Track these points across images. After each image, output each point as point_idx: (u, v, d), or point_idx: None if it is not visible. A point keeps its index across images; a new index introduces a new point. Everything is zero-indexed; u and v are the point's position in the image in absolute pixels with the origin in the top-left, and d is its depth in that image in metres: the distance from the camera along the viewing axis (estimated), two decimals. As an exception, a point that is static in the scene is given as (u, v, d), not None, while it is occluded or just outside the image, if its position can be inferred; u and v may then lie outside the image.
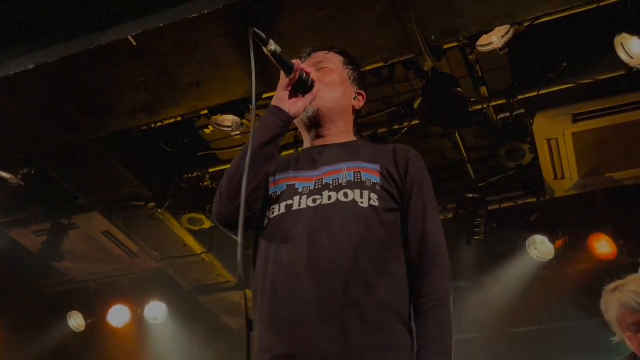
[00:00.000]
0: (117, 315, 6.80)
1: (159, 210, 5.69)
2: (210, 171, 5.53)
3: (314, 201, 1.99)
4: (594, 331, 6.69)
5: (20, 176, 5.19)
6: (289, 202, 2.02)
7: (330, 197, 1.98)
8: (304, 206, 1.99)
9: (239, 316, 6.86)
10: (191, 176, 5.54)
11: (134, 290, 6.78)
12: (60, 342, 6.92)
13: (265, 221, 2.05)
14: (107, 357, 7.18)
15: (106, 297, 6.84)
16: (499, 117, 4.83)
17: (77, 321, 6.87)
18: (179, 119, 4.85)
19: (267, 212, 2.05)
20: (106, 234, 6.15)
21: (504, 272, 6.06)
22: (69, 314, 6.87)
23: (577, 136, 4.99)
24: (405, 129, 4.98)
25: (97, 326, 6.88)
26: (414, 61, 4.25)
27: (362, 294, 1.85)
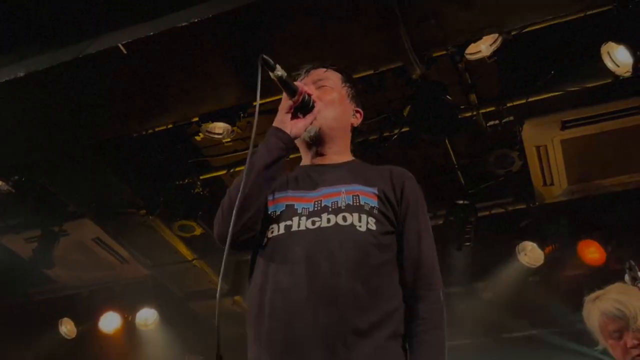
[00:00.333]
0: (108, 321, 6.78)
1: (150, 217, 5.70)
2: (201, 178, 5.54)
3: (313, 223, 2.01)
4: (584, 336, 6.76)
5: (11, 183, 5.20)
6: (288, 222, 2.04)
7: (329, 220, 2.00)
8: (302, 227, 2.01)
9: (231, 323, 6.85)
10: (182, 183, 5.55)
11: (125, 296, 6.77)
12: (51, 349, 6.89)
13: (263, 240, 2.06)
14: (98, 363, 7.16)
15: (97, 303, 6.83)
16: (488, 125, 4.87)
17: (68, 328, 6.84)
18: (170, 127, 4.87)
19: (265, 231, 2.07)
20: (97, 240, 6.14)
21: (494, 278, 6.08)
22: (60, 320, 6.85)
23: (566, 143, 5.03)
24: (395, 136, 5.01)
25: (88, 333, 6.85)
26: (403, 69, 4.28)
27: (359, 318, 1.88)
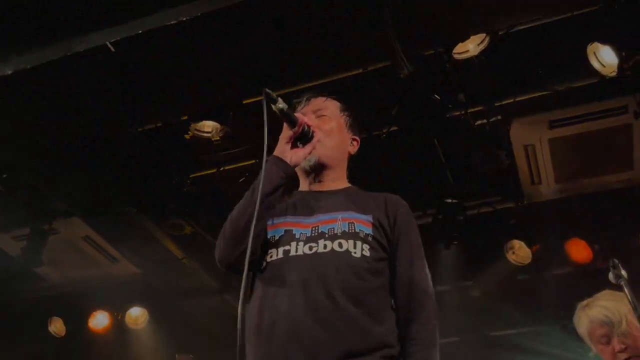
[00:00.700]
0: (98, 320, 6.77)
1: (140, 215, 5.70)
2: (191, 176, 5.54)
3: (310, 248, 2.11)
4: (572, 335, 6.81)
5: (-1, 181, 5.18)
6: (287, 247, 2.13)
7: (325, 246, 2.10)
8: (300, 252, 2.10)
9: (221, 321, 6.87)
10: (172, 181, 5.54)
11: (115, 295, 6.75)
12: (40, 348, 6.89)
13: (263, 263, 2.16)
14: (88, 362, 7.15)
15: (87, 302, 6.80)
16: (476, 124, 4.89)
17: (57, 327, 6.84)
18: (159, 125, 4.87)
19: (265, 255, 2.16)
20: (87, 239, 6.13)
21: (482, 276, 6.12)
22: (50, 319, 6.85)
23: (554, 142, 5.07)
24: (383, 135, 5.03)
25: (77, 332, 6.85)
26: (391, 68, 4.29)
27: (355, 341, 1.97)
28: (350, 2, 3.60)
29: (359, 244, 2.11)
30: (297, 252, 2.10)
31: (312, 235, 2.14)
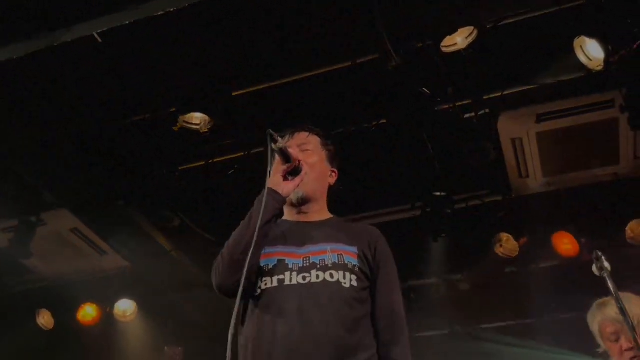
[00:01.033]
0: (87, 313, 6.75)
1: (129, 207, 5.68)
2: (180, 169, 5.52)
3: (304, 278, 2.30)
4: (559, 326, 6.86)
5: (-14, 173, 5.16)
6: (281, 276, 2.32)
7: (318, 276, 2.30)
8: (294, 282, 2.30)
9: (210, 313, 6.87)
10: (160, 173, 5.52)
11: (103, 287, 6.73)
12: (28, 341, 6.85)
13: (257, 290, 2.33)
14: (77, 355, 7.10)
15: (75, 294, 6.76)
16: (464, 117, 4.90)
17: (45, 319, 6.81)
18: (148, 116, 4.85)
19: (259, 282, 2.34)
20: (75, 231, 6.10)
21: (470, 268, 6.15)
22: (38, 312, 6.81)
23: (541, 136, 5.09)
24: (373, 128, 5.04)
25: (66, 324, 6.82)
26: (379, 60, 4.30)
27: None
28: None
29: (348, 274, 2.32)
30: (291, 281, 2.29)
31: (304, 265, 2.33)
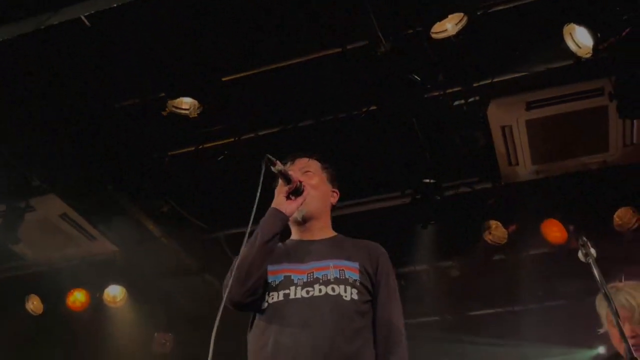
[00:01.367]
0: (76, 298, 6.74)
1: (118, 193, 5.66)
2: (169, 154, 5.50)
3: (307, 292, 2.48)
4: (547, 313, 6.92)
5: (-26, 157, 5.11)
6: (286, 291, 2.50)
7: (320, 290, 2.48)
8: (299, 296, 2.47)
9: (200, 299, 6.88)
10: (150, 159, 5.51)
11: (93, 273, 6.71)
12: (17, 326, 6.85)
13: (264, 304, 2.51)
14: (66, 340, 7.10)
15: (64, 280, 6.74)
16: (454, 104, 4.90)
17: (34, 304, 6.79)
18: (137, 101, 4.83)
19: (266, 297, 2.52)
20: (64, 216, 6.06)
21: (459, 255, 6.18)
22: (27, 297, 6.79)
23: (531, 123, 5.10)
24: (362, 115, 5.03)
25: (55, 310, 6.80)
26: (369, 47, 4.29)
27: None
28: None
29: (349, 288, 2.49)
30: (296, 295, 2.47)
31: (308, 280, 2.51)
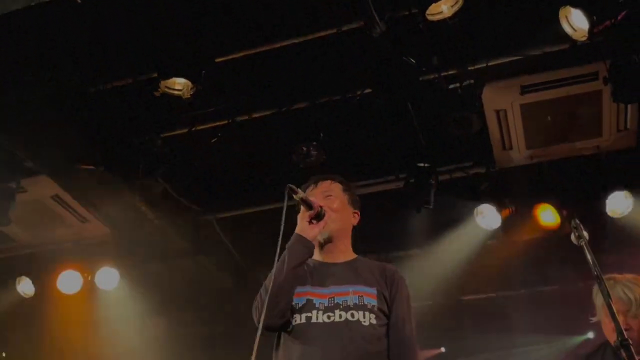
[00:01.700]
0: (67, 281, 6.70)
1: (110, 174, 5.61)
2: (162, 136, 5.46)
3: (329, 317, 2.65)
4: (540, 298, 6.95)
5: (-35, 138, 5.06)
6: (309, 314, 2.67)
7: (340, 316, 2.65)
8: (320, 320, 2.65)
9: (192, 282, 6.88)
10: (143, 140, 5.46)
11: (85, 255, 6.68)
12: (8, 308, 6.84)
13: (289, 326, 2.68)
14: (57, 323, 7.10)
15: (56, 262, 6.71)
16: (449, 87, 4.87)
17: (26, 286, 6.77)
18: (130, 82, 4.78)
19: (292, 319, 2.68)
20: (56, 198, 6.03)
21: (452, 240, 6.18)
22: (18, 279, 6.77)
23: (525, 107, 5.08)
24: (357, 98, 5.00)
25: (46, 292, 6.77)
26: (365, 29, 4.25)
27: None
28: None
29: (367, 314, 2.66)
30: (317, 319, 2.65)
31: (329, 305, 2.68)
